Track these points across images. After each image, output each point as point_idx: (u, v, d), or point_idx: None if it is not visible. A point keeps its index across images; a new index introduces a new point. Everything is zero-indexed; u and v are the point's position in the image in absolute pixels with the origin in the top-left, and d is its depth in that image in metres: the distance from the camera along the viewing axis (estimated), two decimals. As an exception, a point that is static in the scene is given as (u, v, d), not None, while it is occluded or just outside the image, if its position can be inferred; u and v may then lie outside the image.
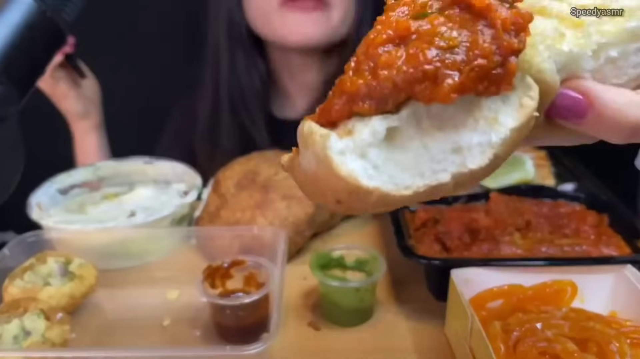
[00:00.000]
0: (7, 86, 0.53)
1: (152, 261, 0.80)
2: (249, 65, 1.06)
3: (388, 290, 0.72)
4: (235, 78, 1.06)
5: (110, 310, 0.71)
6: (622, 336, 0.53)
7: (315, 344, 0.63)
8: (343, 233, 0.87)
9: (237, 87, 1.06)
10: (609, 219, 0.70)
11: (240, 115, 1.07)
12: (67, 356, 0.58)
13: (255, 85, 1.07)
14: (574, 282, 0.61)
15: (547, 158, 0.89)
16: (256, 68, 1.07)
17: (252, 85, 1.07)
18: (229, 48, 1.05)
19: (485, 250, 0.66)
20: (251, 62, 1.06)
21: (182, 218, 0.84)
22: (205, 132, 1.08)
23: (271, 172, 0.82)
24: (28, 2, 0.53)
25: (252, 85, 1.07)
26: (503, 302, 0.60)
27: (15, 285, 0.66)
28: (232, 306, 0.61)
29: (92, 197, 0.91)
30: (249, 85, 1.07)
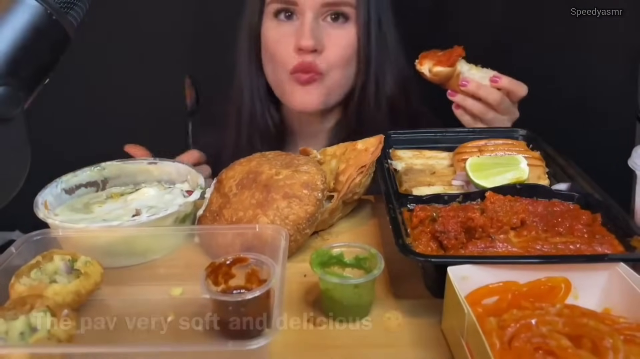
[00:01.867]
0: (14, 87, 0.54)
1: (156, 259, 0.81)
2: (264, 112, 1.23)
3: (386, 286, 0.73)
4: (254, 121, 1.23)
5: (115, 307, 0.72)
6: (616, 333, 0.54)
7: (315, 339, 0.64)
8: (342, 231, 0.88)
9: (255, 129, 1.24)
10: (602, 218, 0.71)
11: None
12: (72, 352, 0.59)
13: (270, 129, 1.24)
14: (568, 279, 0.62)
15: (541, 158, 0.90)
16: (271, 116, 1.24)
17: (267, 129, 1.24)
18: (250, 97, 1.22)
19: (481, 248, 0.67)
20: (267, 111, 1.23)
21: (186, 216, 0.85)
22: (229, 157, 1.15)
23: (272, 172, 0.83)
24: (34, 5, 0.54)
25: (267, 129, 1.24)
26: (498, 299, 0.61)
27: (21, 283, 0.67)
28: (234, 302, 0.62)
29: (97, 197, 0.92)
30: (265, 129, 1.24)
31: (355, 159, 0.88)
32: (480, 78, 1.03)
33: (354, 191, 0.87)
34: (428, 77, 1.08)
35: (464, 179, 0.86)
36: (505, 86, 1.02)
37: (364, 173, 0.87)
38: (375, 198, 0.95)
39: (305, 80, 1.12)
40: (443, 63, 1.05)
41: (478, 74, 1.03)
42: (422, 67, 1.09)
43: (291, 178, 0.81)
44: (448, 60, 1.05)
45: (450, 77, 1.06)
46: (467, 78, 1.03)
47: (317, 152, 0.94)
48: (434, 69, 1.06)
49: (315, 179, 0.81)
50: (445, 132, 1.02)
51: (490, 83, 1.02)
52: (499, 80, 1.01)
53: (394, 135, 1.02)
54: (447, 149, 0.98)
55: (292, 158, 0.87)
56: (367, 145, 0.90)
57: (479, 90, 1.01)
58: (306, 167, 0.83)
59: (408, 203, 0.78)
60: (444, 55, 1.07)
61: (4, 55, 0.53)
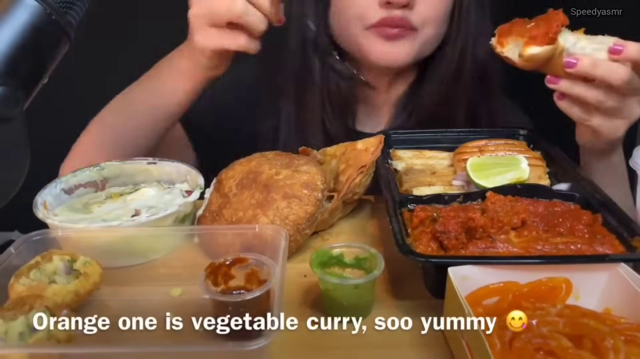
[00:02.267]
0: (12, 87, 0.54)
1: (155, 259, 0.81)
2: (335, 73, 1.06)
3: (386, 287, 0.73)
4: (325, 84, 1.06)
5: (114, 307, 0.72)
6: (617, 333, 0.54)
7: (315, 340, 0.64)
8: (343, 231, 0.88)
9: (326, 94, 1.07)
10: (603, 218, 0.71)
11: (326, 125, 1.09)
12: (72, 353, 0.59)
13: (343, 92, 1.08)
14: (569, 279, 0.62)
15: (542, 159, 0.90)
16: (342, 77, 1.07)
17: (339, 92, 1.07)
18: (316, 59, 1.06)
19: (481, 248, 0.67)
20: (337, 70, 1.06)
21: (185, 217, 0.85)
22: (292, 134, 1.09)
23: (272, 172, 0.83)
24: (33, 5, 0.54)
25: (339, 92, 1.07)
26: (499, 299, 0.61)
27: (20, 283, 0.67)
28: (234, 302, 0.62)
29: (96, 197, 0.92)
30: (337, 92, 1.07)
31: (355, 159, 0.88)
32: (594, 51, 0.75)
33: (354, 191, 0.87)
34: (516, 62, 0.79)
35: (465, 179, 0.85)
36: (634, 57, 0.73)
37: (364, 173, 0.86)
38: (375, 198, 0.95)
39: (393, 35, 0.97)
40: (539, 41, 0.76)
41: (590, 46, 0.76)
42: (505, 49, 0.81)
43: (291, 178, 0.81)
44: (546, 35, 0.75)
45: (550, 57, 0.76)
46: (574, 55, 0.75)
47: (317, 152, 0.94)
48: (527, 52, 0.77)
49: (316, 179, 0.81)
50: (446, 132, 1.01)
51: (610, 55, 0.74)
52: (624, 50, 0.73)
53: (394, 135, 1.01)
54: (447, 149, 0.97)
55: (292, 158, 0.87)
56: (367, 145, 0.89)
57: (595, 68, 0.74)
58: (306, 167, 0.83)
59: (408, 204, 0.78)
60: (537, 27, 0.77)
61: (3, 54, 0.53)
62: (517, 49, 0.79)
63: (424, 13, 0.97)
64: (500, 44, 0.81)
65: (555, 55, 0.76)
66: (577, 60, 0.74)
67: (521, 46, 0.77)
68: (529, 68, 0.79)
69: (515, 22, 0.82)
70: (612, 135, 0.82)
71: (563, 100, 0.80)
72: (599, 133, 0.82)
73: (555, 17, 0.76)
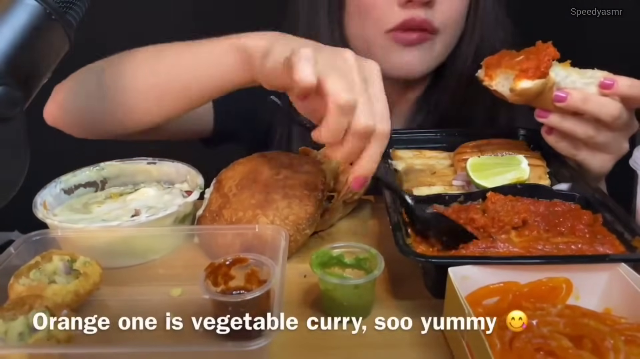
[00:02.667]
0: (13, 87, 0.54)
1: (155, 259, 0.81)
2: None
3: (386, 287, 0.73)
4: None
5: (114, 307, 0.72)
6: (617, 333, 0.54)
7: (315, 340, 0.64)
8: (343, 231, 0.88)
9: None
10: (604, 218, 0.71)
11: None
12: (71, 353, 0.59)
13: None
14: (569, 280, 0.62)
15: (542, 158, 0.89)
16: None
17: None
18: None
19: (482, 248, 0.67)
20: None
21: (185, 217, 0.85)
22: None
23: (272, 172, 0.83)
24: (33, 5, 0.54)
25: None
26: (499, 299, 0.61)
27: (20, 283, 0.67)
28: (233, 303, 0.62)
29: (96, 197, 0.92)
30: None
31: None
32: (585, 86, 0.75)
33: (354, 191, 0.87)
34: (506, 96, 0.78)
35: (465, 179, 0.85)
36: (624, 92, 0.73)
37: (364, 173, 0.86)
38: (375, 198, 0.95)
39: (414, 40, 0.93)
40: (530, 75, 0.75)
41: (580, 80, 0.75)
42: (494, 82, 0.80)
43: (291, 179, 0.81)
44: (537, 69, 0.74)
45: (541, 92, 0.76)
46: (564, 89, 0.75)
47: (317, 152, 0.94)
48: (519, 86, 0.75)
49: (315, 179, 0.81)
50: (446, 132, 1.01)
51: (601, 90, 0.74)
52: (615, 85, 0.73)
53: (394, 135, 1.00)
54: (447, 149, 0.97)
55: (292, 158, 0.87)
56: (367, 145, 0.89)
57: (586, 103, 0.73)
58: (306, 167, 0.83)
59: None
60: (527, 60, 0.76)
61: (3, 54, 0.53)
62: (506, 82, 0.78)
63: (446, 13, 0.94)
64: (489, 76, 0.80)
65: (545, 89, 0.75)
66: (568, 94, 0.74)
67: (511, 79, 0.77)
68: (519, 102, 0.79)
69: (503, 54, 0.82)
70: (599, 170, 0.82)
71: (551, 135, 0.80)
72: (586, 168, 0.82)
73: (546, 51, 0.76)
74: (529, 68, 0.75)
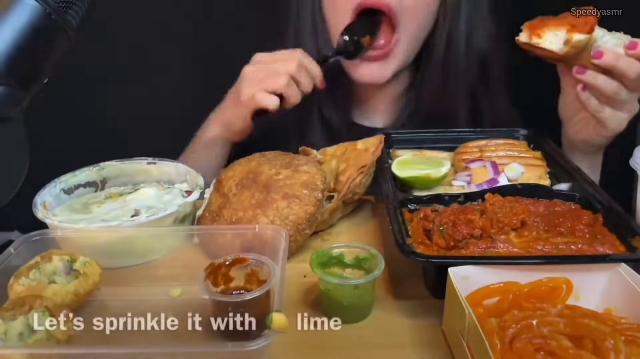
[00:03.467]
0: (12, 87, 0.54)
1: (155, 259, 0.81)
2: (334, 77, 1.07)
3: (386, 287, 0.72)
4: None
5: (114, 307, 0.72)
6: (617, 333, 0.54)
7: (314, 340, 0.64)
8: (343, 231, 0.88)
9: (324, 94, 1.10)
10: (604, 218, 0.71)
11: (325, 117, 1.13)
12: (71, 353, 0.59)
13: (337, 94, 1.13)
14: (569, 280, 0.62)
15: (542, 158, 0.89)
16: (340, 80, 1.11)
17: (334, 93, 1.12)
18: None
19: (481, 249, 0.67)
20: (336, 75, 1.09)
21: (185, 217, 0.85)
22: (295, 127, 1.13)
23: (272, 172, 0.82)
24: (33, 5, 0.54)
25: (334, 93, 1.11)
26: (499, 299, 0.61)
27: (20, 283, 0.67)
28: (233, 303, 0.62)
29: (96, 197, 0.92)
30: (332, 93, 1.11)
31: (355, 159, 0.88)
32: (614, 46, 0.83)
33: (354, 191, 0.87)
34: (556, 50, 0.84)
35: (465, 179, 0.85)
36: None
37: (364, 173, 0.86)
38: (375, 198, 0.95)
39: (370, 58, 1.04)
40: (579, 29, 0.82)
41: (612, 41, 0.84)
42: (542, 40, 0.85)
43: (291, 178, 0.81)
44: (586, 24, 0.82)
45: (586, 46, 0.83)
46: (600, 49, 0.83)
47: (317, 152, 0.94)
48: (574, 38, 0.82)
49: (315, 179, 0.81)
50: (446, 132, 1.01)
51: (627, 50, 0.82)
52: (638, 47, 0.81)
53: (394, 135, 1.01)
54: (447, 149, 0.97)
55: (292, 158, 0.87)
56: (368, 145, 0.89)
57: (617, 62, 0.81)
58: (306, 167, 0.83)
59: (408, 204, 0.78)
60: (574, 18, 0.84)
61: (3, 54, 0.53)
62: (555, 38, 0.85)
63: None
64: (537, 35, 0.86)
65: (588, 45, 0.83)
66: (604, 52, 0.82)
67: (560, 36, 0.84)
68: (568, 54, 0.85)
69: (541, 18, 0.88)
70: (617, 127, 0.88)
71: (585, 92, 0.86)
72: (606, 125, 0.88)
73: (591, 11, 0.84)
74: (578, 23, 0.83)
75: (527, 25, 0.89)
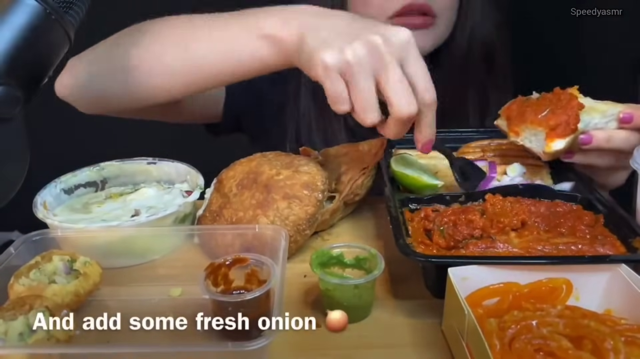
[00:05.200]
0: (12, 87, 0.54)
1: (155, 259, 0.81)
2: None
3: (386, 287, 0.73)
4: None
5: (114, 307, 0.72)
6: (617, 334, 0.54)
7: (314, 340, 0.64)
8: (343, 231, 0.88)
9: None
10: (605, 219, 0.71)
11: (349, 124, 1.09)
12: (72, 353, 0.59)
13: None
14: (570, 280, 0.61)
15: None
16: None
17: None
18: None
19: (481, 249, 0.66)
20: None
21: (185, 217, 0.85)
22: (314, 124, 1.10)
23: (273, 172, 0.82)
24: (33, 5, 0.54)
25: None
26: (499, 300, 0.61)
27: (20, 283, 0.67)
28: (234, 303, 0.62)
29: (96, 197, 0.92)
30: None
31: (357, 160, 0.88)
32: (605, 124, 0.76)
33: (356, 192, 0.87)
34: (538, 155, 0.79)
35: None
36: None
37: (366, 175, 0.86)
38: (376, 198, 0.95)
39: (417, 24, 0.97)
40: (561, 133, 0.74)
41: (600, 119, 0.76)
42: (521, 138, 0.79)
43: (291, 179, 0.81)
44: (567, 126, 0.74)
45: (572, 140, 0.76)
46: (589, 132, 0.76)
47: (317, 153, 0.94)
48: (552, 148, 0.75)
49: (316, 180, 0.81)
50: (449, 132, 1.01)
51: (621, 125, 0.76)
52: (634, 118, 0.75)
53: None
54: (450, 149, 0.97)
55: (293, 159, 0.87)
56: (370, 146, 0.89)
57: (610, 142, 0.76)
58: (307, 167, 0.83)
59: (409, 203, 0.78)
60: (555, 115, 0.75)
61: (3, 54, 0.53)
62: (534, 138, 0.78)
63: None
64: (515, 132, 0.80)
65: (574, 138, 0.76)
66: (592, 136, 0.76)
67: (540, 137, 0.77)
68: (550, 159, 0.80)
69: (521, 103, 0.81)
70: (616, 184, 0.85)
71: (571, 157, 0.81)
72: (604, 185, 0.85)
73: (572, 105, 0.75)
74: (558, 125, 0.75)
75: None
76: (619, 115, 0.76)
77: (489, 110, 1.10)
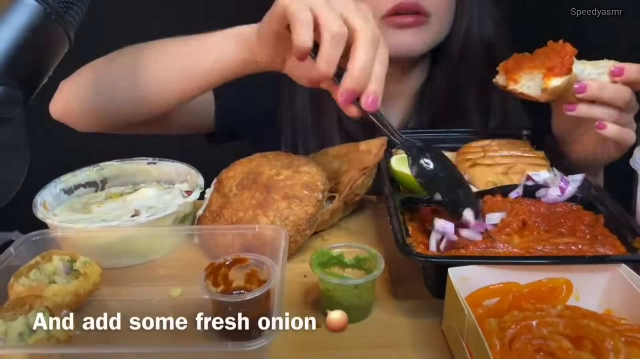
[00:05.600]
0: (12, 87, 0.54)
1: (155, 259, 0.81)
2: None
3: (386, 287, 0.72)
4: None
5: (114, 307, 0.72)
6: (617, 334, 0.54)
7: (314, 340, 0.64)
8: (343, 231, 0.88)
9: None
10: (605, 219, 0.71)
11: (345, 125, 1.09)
12: (72, 353, 0.59)
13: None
14: (570, 280, 0.61)
15: (545, 158, 0.89)
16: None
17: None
18: None
19: (481, 249, 0.67)
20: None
21: (185, 217, 0.85)
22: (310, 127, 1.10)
23: (273, 173, 0.82)
24: (33, 5, 0.54)
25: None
26: (499, 300, 0.61)
27: (20, 283, 0.67)
28: (233, 303, 0.62)
29: (96, 197, 0.92)
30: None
31: (357, 160, 0.88)
32: (598, 76, 0.79)
33: (356, 192, 0.87)
34: (536, 96, 0.80)
35: (468, 179, 0.85)
36: (633, 78, 0.77)
37: (366, 175, 0.86)
38: (376, 198, 0.95)
39: (409, 23, 0.97)
40: (557, 72, 0.78)
41: (594, 71, 0.79)
42: (519, 85, 0.81)
43: (291, 179, 0.81)
44: (562, 66, 0.78)
45: (567, 88, 0.79)
46: (582, 82, 0.78)
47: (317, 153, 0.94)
48: (550, 85, 0.78)
49: (316, 180, 0.81)
50: (450, 132, 1.01)
51: (612, 78, 0.78)
52: (625, 72, 0.77)
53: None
54: (450, 149, 0.97)
55: (293, 159, 0.87)
56: (370, 146, 0.89)
57: (602, 92, 0.77)
58: (307, 167, 0.83)
59: (409, 203, 0.78)
60: (549, 59, 0.79)
61: (3, 54, 0.53)
62: (532, 83, 0.80)
63: None
64: (513, 80, 0.82)
65: (569, 84, 0.78)
66: (586, 85, 0.77)
67: (537, 80, 0.79)
68: (549, 100, 0.81)
69: (517, 57, 0.84)
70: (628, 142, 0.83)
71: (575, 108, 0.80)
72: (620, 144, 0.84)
73: (566, 49, 0.79)
74: (554, 66, 0.78)
75: (502, 66, 0.86)
76: (610, 69, 0.78)
77: (490, 110, 1.10)
